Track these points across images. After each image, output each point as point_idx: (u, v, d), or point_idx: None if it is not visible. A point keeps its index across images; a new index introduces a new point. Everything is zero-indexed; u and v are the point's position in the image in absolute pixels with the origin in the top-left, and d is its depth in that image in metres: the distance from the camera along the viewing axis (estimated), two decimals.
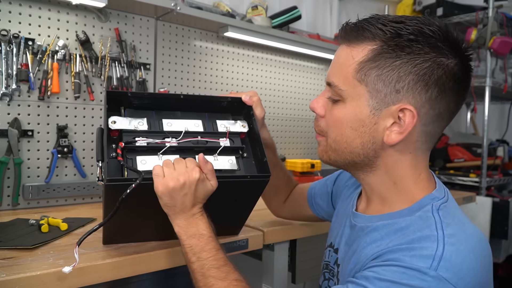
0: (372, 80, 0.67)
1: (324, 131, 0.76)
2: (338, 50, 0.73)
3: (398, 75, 0.65)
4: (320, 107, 0.75)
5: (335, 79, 0.71)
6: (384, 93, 0.66)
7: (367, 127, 0.69)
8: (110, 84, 1.54)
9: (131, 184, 0.75)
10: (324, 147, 0.76)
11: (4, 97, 1.33)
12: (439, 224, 0.64)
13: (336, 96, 0.71)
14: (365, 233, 0.73)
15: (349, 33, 0.69)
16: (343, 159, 0.74)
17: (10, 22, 1.35)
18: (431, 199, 0.69)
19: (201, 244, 0.77)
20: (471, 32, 2.24)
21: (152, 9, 1.59)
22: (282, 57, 2.15)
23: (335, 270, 0.82)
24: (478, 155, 2.41)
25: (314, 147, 2.32)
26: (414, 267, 0.59)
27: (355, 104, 0.69)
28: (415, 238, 0.63)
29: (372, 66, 0.66)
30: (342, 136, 0.72)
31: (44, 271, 0.78)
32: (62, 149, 1.43)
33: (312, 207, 1.10)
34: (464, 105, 3.58)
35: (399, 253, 0.62)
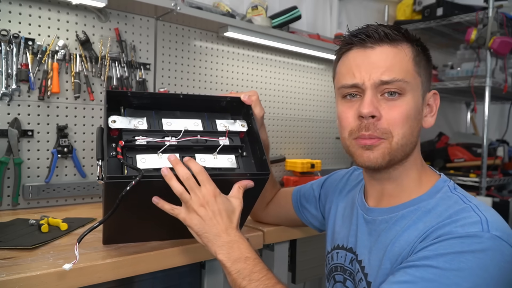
0: (422, 71, 0.77)
1: (387, 133, 0.74)
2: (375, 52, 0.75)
3: (428, 67, 0.79)
4: (377, 109, 0.73)
5: (396, 74, 0.74)
6: (426, 82, 0.78)
7: (420, 114, 0.78)
8: (110, 84, 1.54)
9: (131, 181, 0.75)
10: (387, 149, 0.74)
11: (4, 97, 1.33)
12: (464, 199, 0.72)
13: (397, 91, 0.74)
14: (391, 224, 0.77)
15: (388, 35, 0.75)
16: (405, 154, 0.76)
17: (10, 22, 1.35)
18: (444, 182, 0.78)
19: (249, 266, 0.75)
20: (471, 32, 2.24)
21: (152, 9, 1.59)
22: (282, 57, 2.15)
23: (356, 267, 0.82)
24: (478, 155, 2.41)
25: (314, 147, 2.32)
26: (469, 234, 0.64)
27: (415, 95, 0.76)
28: (452, 213, 0.69)
29: (419, 60, 0.77)
30: (410, 128, 0.75)
31: (44, 271, 0.78)
32: (62, 149, 1.43)
33: (298, 210, 1.10)
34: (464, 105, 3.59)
35: (447, 227, 0.67)
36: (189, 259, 0.97)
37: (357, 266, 0.81)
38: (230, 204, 0.81)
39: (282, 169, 2.12)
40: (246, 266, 0.74)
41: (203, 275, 1.08)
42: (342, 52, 0.81)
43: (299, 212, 1.10)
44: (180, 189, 0.77)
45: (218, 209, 0.78)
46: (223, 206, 0.79)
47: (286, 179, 2.02)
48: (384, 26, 0.76)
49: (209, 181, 0.79)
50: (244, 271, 0.74)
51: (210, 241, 0.77)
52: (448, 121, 3.36)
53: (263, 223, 1.19)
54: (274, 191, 1.16)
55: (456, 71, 2.54)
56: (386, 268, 0.73)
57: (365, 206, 0.84)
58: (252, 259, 0.75)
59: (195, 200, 0.77)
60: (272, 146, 2.10)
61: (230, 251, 0.76)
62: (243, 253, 0.76)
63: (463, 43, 2.60)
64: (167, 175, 0.78)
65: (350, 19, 2.61)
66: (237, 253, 0.76)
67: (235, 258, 0.75)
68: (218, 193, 0.79)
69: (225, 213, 0.78)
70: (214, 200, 0.78)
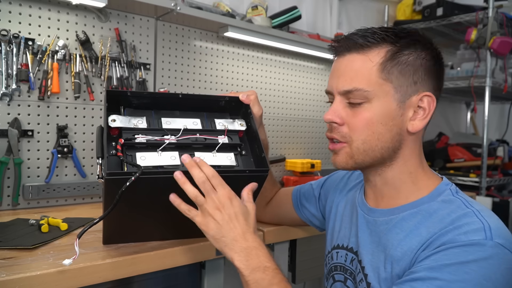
0: (395, 76, 0.75)
1: (347, 137, 0.77)
2: (343, 60, 0.78)
3: (413, 69, 0.75)
4: (338, 116, 0.77)
5: (356, 84, 0.75)
6: (406, 86, 0.75)
7: (395, 120, 0.76)
8: (110, 84, 1.54)
9: (130, 177, 0.75)
10: (348, 153, 0.78)
11: (4, 97, 1.33)
12: (466, 203, 0.72)
13: (360, 99, 0.75)
14: (392, 226, 0.77)
15: (355, 42, 0.76)
16: (372, 158, 0.77)
17: (10, 22, 1.35)
18: (445, 185, 0.78)
19: (267, 277, 0.72)
20: (471, 32, 2.24)
21: (152, 9, 1.59)
22: (282, 57, 2.15)
23: (357, 268, 0.82)
24: (478, 155, 2.41)
25: (314, 147, 2.32)
26: (472, 242, 0.64)
27: (382, 101, 0.75)
28: (455, 218, 0.69)
29: (392, 64, 0.74)
30: (373, 134, 0.75)
31: (44, 271, 0.78)
32: (62, 149, 1.43)
33: (298, 209, 1.10)
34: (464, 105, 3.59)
35: (450, 234, 0.67)
36: (189, 259, 0.97)
37: (358, 266, 0.81)
38: (246, 208, 0.80)
39: (282, 169, 2.12)
40: (264, 276, 0.72)
41: (203, 275, 1.08)
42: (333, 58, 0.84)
43: (299, 211, 1.10)
44: (195, 192, 0.76)
45: (234, 212, 0.76)
46: (239, 209, 0.77)
47: (286, 179, 2.02)
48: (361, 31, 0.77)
49: (223, 184, 0.78)
50: (262, 282, 0.72)
51: (227, 245, 0.75)
52: (448, 121, 3.36)
53: (263, 222, 1.19)
54: (274, 190, 1.16)
55: (456, 71, 2.54)
56: (388, 271, 0.73)
57: (366, 206, 0.85)
58: (271, 270, 0.73)
59: (211, 204, 0.76)
60: (272, 146, 2.10)
61: (248, 258, 0.74)
62: (262, 261, 0.74)
63: (463, 43, 2.60)
64: (180, 179, 0.77)
65: (350, 19, 2.61)
66: (255, 261, 0.74)
67: (254, 267, 0.73)
68: (234, 195, 0.78)
69: (241, 216, 0.77)
70: (230, 203, 0.77)
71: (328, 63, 2.33)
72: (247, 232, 0.76)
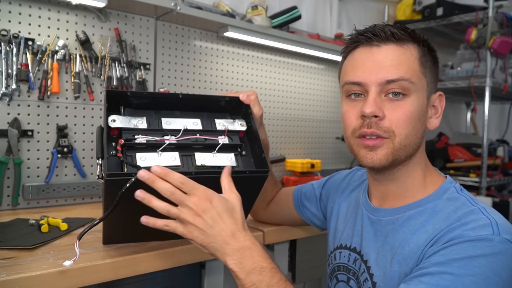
0: (428, 72, 0.77)
1: (389, 131, 0.73)
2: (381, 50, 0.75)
3: (434, 68, 0.79)
4: (380, 109, 0.73)
5: (402, 73, 0.73)
6: (431, 84, 0.78)
7: (425, 116, 0.77)
8: (110, 84, 1.54)
9: (130, 178, 0.74)
10: (390, 149, 0.73)
11: (4, 97, 1.33)
12: (471, 200, 0.73)
13: (403, 91, 0.73)
14: (398, 225, 0.76)
15: (395, 34, 0.74)
16: (408, 154, 0.76)
17: (10, 22, 1.35)
18: (450, 183, 0.78)
19: (265, 279, 0.68)
20: (471, 32, 2.24)
21: (152, 9, 1.59)
22: (282, 57, 2.15)
23: (361, 267, 0.81)
24: (478, 155, 2.41)
25: (314, 147, 2.32)
26: (480, 237, 0.64)
27: (419, 95, 0.75)
28: (461, 215, 0.69)
29: (425, 60, 0.76)
30: (413, 129, 0.74)
31: (44, 271, 0.77)
32: (62, 149, 1.43)
33: (299, 209, 1.10)
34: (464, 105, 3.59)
35: (458, 230, 0.67)
36: (189, 259, 0.97)
37: (362, 266, 0.81)
38: (228, 202, 0.73)
39: (282, 169, 2.12)
40: (262, 278, 0.68)
41: (203, 275, 1.08)
42: (348, 51, 0.80)
43: (300, 211, 1.10)
44: (165, 207, 0.69)
45: (217, 213, 0.70)
46: (222, 207, 0.71)
47: (286, 179, 2.02)
48: (391, 26, 0.76)
49: (196, 187, 0.70)
50: (260, 284, 0.67)
51: (217, 250, 0.70)
52: (448, 121, 3.36)
53: (264, 222, 1.19)
54: (275, 190, 1.15)
55: (456, 71, 2.54)
56: (395, 270, 0.73)
57: (370, 206, 0.84)
58: (268, 270, 0.69)
59: (188, 212, 0.69)
60: (272, 146, 2.10)
61: (242, 260, 0.69)
62: (257, 262, 0.69)
63: (463, 43, 2.60)
64: (144, 198, 0.69)
65: (350, 19, 2.61)
66: (250, 263, 0.68)
67: (249, 269, 0.68)
68: (212, 194, 0.71)
69: (226, 214, 0.70)
70: (209, 204, 0.70)
71: (328, 63, 2.33)
72: (236, 231, 0.70)
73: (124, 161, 0.81)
